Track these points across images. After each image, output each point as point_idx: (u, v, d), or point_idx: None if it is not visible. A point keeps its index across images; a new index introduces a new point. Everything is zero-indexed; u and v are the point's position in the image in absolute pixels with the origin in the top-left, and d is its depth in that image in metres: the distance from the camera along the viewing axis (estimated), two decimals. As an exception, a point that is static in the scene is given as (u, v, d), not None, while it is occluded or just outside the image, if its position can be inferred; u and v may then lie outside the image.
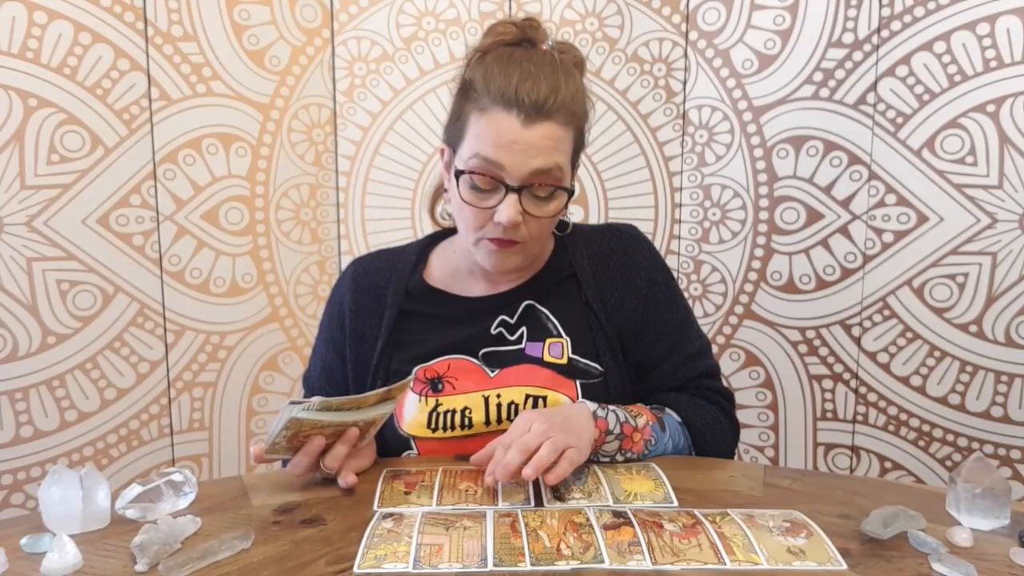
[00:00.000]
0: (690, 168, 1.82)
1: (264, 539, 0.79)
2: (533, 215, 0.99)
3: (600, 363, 1.07)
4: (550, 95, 0.95)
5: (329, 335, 1.15)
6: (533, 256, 1.09)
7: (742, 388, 1.83)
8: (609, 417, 0.97)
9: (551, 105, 0.95)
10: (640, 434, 0.99)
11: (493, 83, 0.96)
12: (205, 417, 1.76)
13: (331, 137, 1.84)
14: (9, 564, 0.75)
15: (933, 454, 1.70)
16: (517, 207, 0.97)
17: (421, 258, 1.16)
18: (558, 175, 0.98)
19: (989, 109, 1.58)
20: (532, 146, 0.95)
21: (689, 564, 0.73)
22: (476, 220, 1.00)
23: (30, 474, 1.57)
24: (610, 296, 1.09)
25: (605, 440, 0.97)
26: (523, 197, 0.97)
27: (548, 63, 0.99)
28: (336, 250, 1.87)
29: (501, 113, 0.95)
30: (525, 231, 1.00)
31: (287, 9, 1.76)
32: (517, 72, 0.96)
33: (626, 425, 0.98)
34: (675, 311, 1.13)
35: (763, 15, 1.73)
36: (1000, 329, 1.62)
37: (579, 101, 1.01)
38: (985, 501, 0.81)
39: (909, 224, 1.67)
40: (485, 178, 0.97)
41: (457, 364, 1.06)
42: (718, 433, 1.09)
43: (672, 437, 1.04)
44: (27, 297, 1.54)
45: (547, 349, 1.06)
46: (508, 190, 0.96)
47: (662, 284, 1.12)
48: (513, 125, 0.95)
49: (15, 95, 1.50)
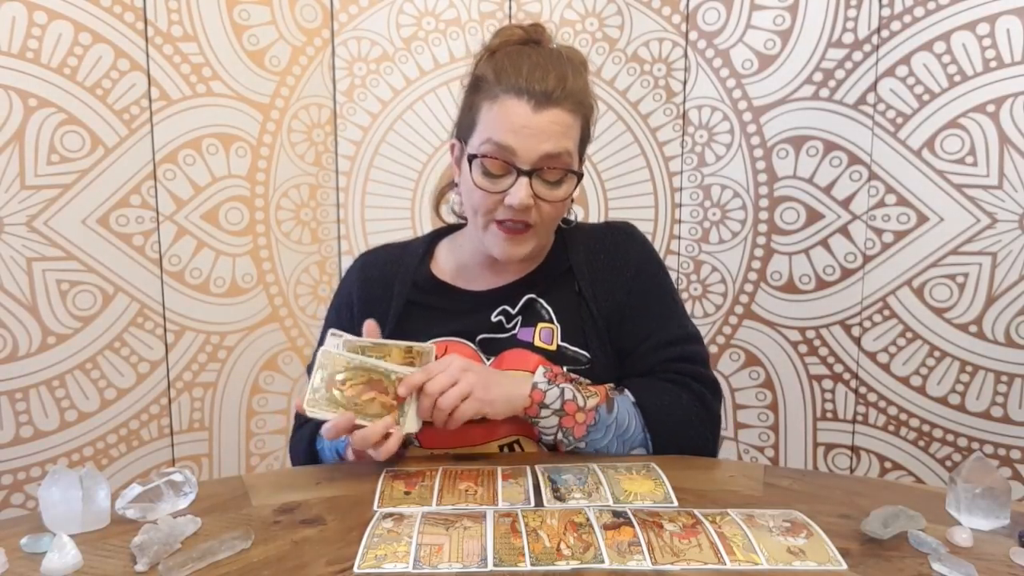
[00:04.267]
0: (690, 168, 1.82)
1: (264, 539, 0.79)
2: (544, 199, 1.03)
3: (588, 350, 1.09)
4: (559, 83, 1.00)
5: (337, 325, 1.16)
6: (541, 245, 1.12)
7: (742, 388, 1.83)
8: (551, 392, 1.00)
9: (560, 93, 1.00)
10: (584, 415, 1.01)
11: (504, 75, 1.02)
12: (205, 417, 1.76)
13: (331, 137, 1.84)
14: (9, 564, 0.75)
15: (933, 454, 1.70)
16: (528, 190, 1.01)
17: (428, 251, 1.19)
18: (567, 160, 1.03)
19: (989, 109, 1.58)
20: (542, 131, 0.99)
21: (689, 564, 0.73)
22: (487, 204, 1.04)
23: (30, 474, 1.57)
24: (601, 287, 1.12)
25: (540, 413, 1.00)
26: (534, 181, 1.01)
27: (556, 57, 1.05)
28: (336, 250, 1.87)
29: (512, 100, 1.00)
30: (536, 215, 1.04)
31: (287, 9, 1.76)
32: (527, 64, 1.02)
33: (570, 403, 1.00)
34: (659, 302, 1.13)
35: (763, 15, 1.73)
36: (1000, 329, 1.62)
37: (586, 93, 1.06)
38: (985, 501, 0.81)
39: (909, 224, 1.67)
40: (497, 162, 1.01)
41: (454, 347, 1.09)
42: (677, 414, 1.05)
43: (619, 420, 1.03)
44: (27, 297, 1.54)
45: (538, 334, 1.09)
46: (520, 173, 1.00)
47: (649, 275, 1.13)
48: (524, 111, 0.99)
49: (15, 95, 1.50)
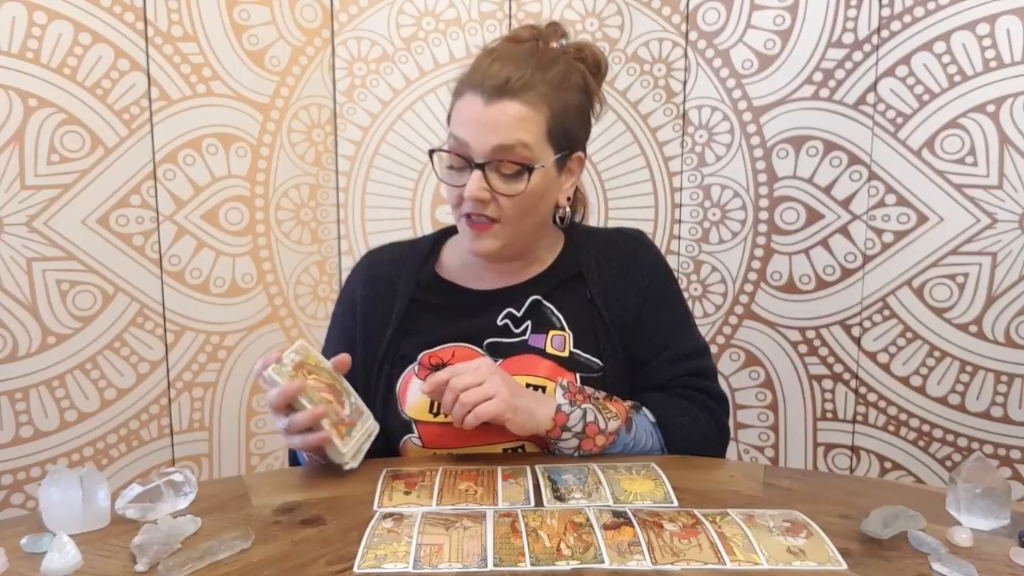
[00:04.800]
0: (690, 168, 1.82)
1: (264, 539, 0.79)
2: (501, 193, 1.02)
3: (600, 358, 1.08)
4: (512, 76, 1.00)
5: (343, 322, 1.18)
6: (515, 241, 1.08)
7: (742, 388, 1.83)
8: (574, 415, 0.99)
9: (512, 84, 1.00)
10: (604, 438, 1.01)
11: (470, 71, 1.05)
12: (205, 417, 1.76)
13: (331, 137, 1.84)
14: (9, 564, 0.75)
15: (933, 454, 1.70)
16: (481, 183, 1.01)
17: (433, 250, 1.19)
18: (523, 153, 1.01)
19: (989, 109, 1.58)
20: (492, 122, 1.00)
21: (689, 564, 0.73)
22: (452, 199, 1.06)
23: (30, 474, 1.57)
24: (612, 294, 1.11)
25: (561, 436, 0.99)
26: (490, 174, 1.01)
27: (527, 53, 1.05)
28: (336, 250, 1.87)
29: (469, 95, 1.02)
30: (496, 209, 1.03)
31: (287, 9, 1.76)
32: (488, 60, 1.04)
33: (591, 426, 1.00)
34: (672, 312, 1.14)
35: (763, 15, 1.73)
36: (1000, 329, 1.62)
37: (560, 86, 1.04)
38: (985, 501, 0.81)
39: (909, 224, 1.67)
40: (454, 156, 1.03)
41: (461, 352, 1.08)
42: (695, 435, 1.07)
43: (637, 439, 1.04)
44: (27, 297, 1.54)
45: (550, 341, 1.08)
46: (474, 167, 1.01)
47: (661, 285, 1.13)
48: (476, 104, 1.01)
49: (15, 95, 1.50)
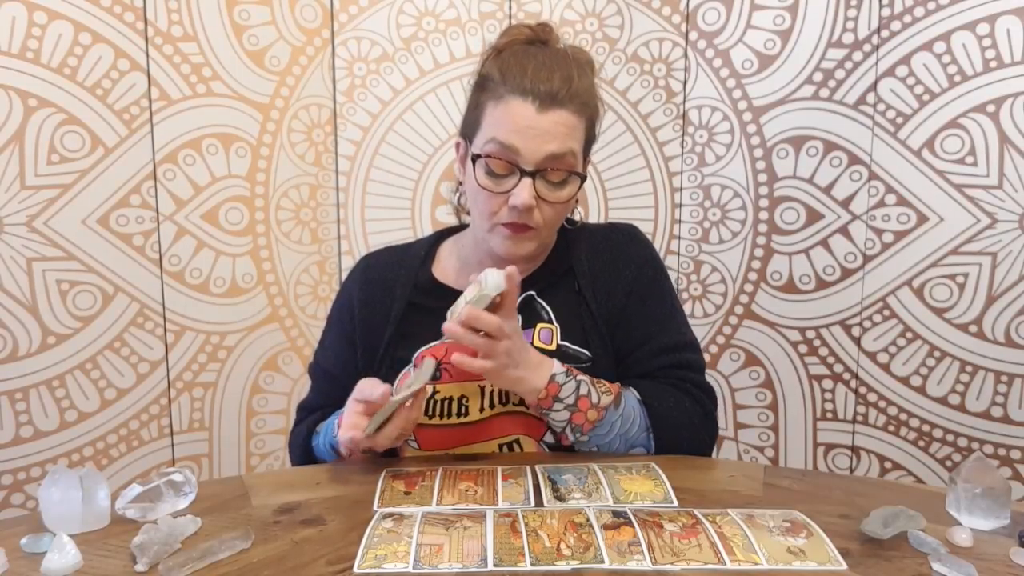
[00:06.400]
0: (690, 168, 1.82)
1: (264, 539, 0.79)
2: (547, 200, 1.02)
3: (589, 349, 1.08)
4: (564, 84, 1.00)
5: (340, 326, 1.18)
6: (545, 244, 1.12)
7: (742, 388, 1.83)
8: (567, 386, 1.00)
9: (565, 94, 1.00)
10: (595, 412, 1.01)
11: (510, 74, 1.01)
12: (205, 417, 1.76)
13: (331, 137, 1.84)
14: (9, 564, 0.75)
15: (933, 454, 1.70)
16: (531, 190, 1.00)
17: (430, 254, 1.19)
18: (571, 161, 1.02)
19: (989, 109, 1.58)
20: (547, 131, 0.99)
21: (689, 564, 0.73)
22: (491, 205, 1.04)
23: (30, 474, 1.57)
24: (601, 286, 1.11)
25: (552, 407, 0.99)
26: (537, 182, 1.01)
27: (561, 58, 1.05)
28: (336, 250, 1.87)
29: (517, 100, 1.00)
30: (539, 216, 1.03)
31: (287, 9, 1.76)
32: (532, 63, 1.02)
33: (583, 399, 1.00)
34: (659, 305, 1.13)
35: (763, 15, 1.73)
36: (1000, 329, 1.62)
37: (592, 94, 1.06)
38: (985, 501, 0.81)
39: (909, 224, 1.67)
40: (501, 162, 1.01)
41: (455, 349, 1.08)
42: (681, 417, 1.06)
43: (625, 416, 1.03)
44: (27, 297, 1.54)
45: (537, 335, 1.08)
46: (523, 174, 1.00)
47: (649, 278, 1.13)
48: (528, 111, 0.99)
49: (15, 95, 1.50)
